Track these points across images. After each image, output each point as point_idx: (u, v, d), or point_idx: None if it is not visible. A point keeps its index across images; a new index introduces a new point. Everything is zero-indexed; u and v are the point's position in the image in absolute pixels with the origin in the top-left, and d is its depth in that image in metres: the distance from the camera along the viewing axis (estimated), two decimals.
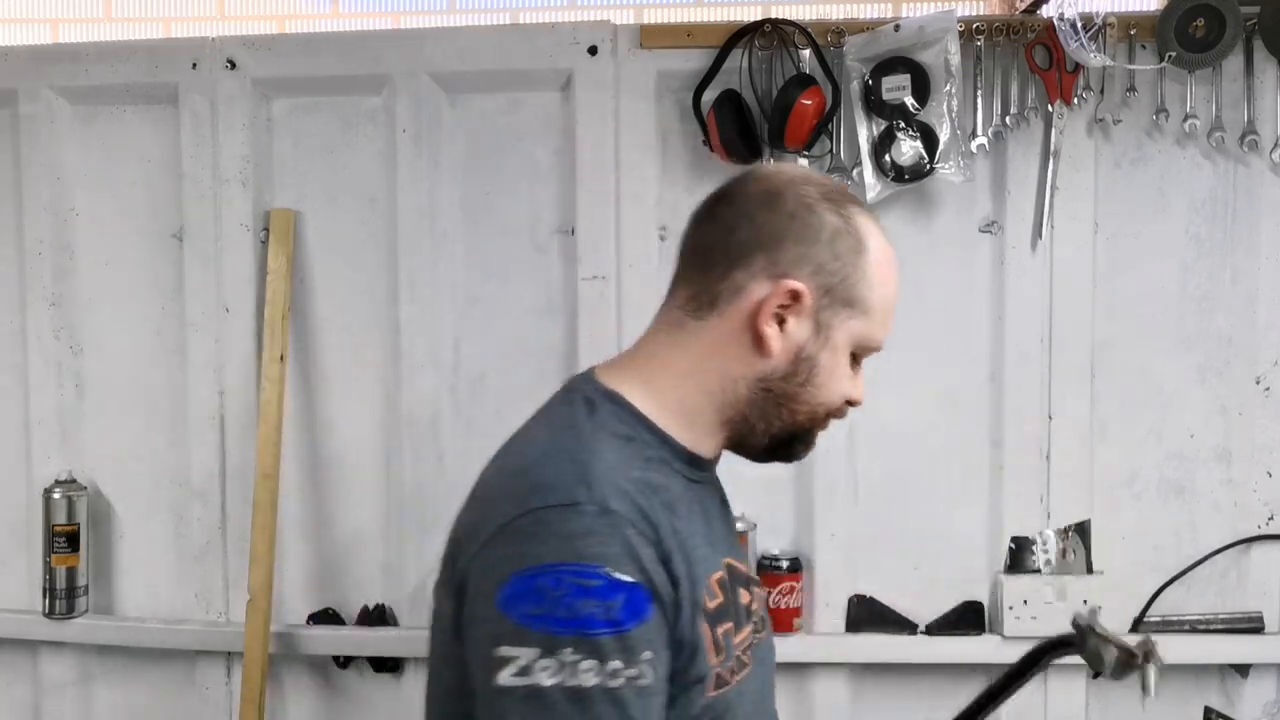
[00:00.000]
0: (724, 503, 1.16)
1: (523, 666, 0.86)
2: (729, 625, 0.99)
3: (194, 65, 1.95)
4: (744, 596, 1.05)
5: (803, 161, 1.83)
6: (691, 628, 0.94)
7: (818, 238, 1.01)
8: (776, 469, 1.92)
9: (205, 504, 2.00)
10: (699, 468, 1.06)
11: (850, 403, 1.08)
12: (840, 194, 1.05)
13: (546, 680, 0.85)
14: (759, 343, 1.01)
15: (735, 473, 1.99)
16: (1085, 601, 1.79)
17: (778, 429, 1.05)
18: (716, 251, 1.04)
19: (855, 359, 1.06)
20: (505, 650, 0.86)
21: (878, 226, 1.05)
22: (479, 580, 0.93)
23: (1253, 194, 1.85)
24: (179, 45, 1.99)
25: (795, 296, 1.00)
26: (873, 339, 1.05)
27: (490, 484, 1.04)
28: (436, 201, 1.95)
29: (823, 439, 1.92)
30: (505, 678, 0.86)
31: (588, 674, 0.85)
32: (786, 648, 1.46)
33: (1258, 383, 1.87)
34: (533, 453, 1.02)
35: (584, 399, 1.05)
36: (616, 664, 0.86)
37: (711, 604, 0.97)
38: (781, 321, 1.01)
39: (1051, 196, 1.84)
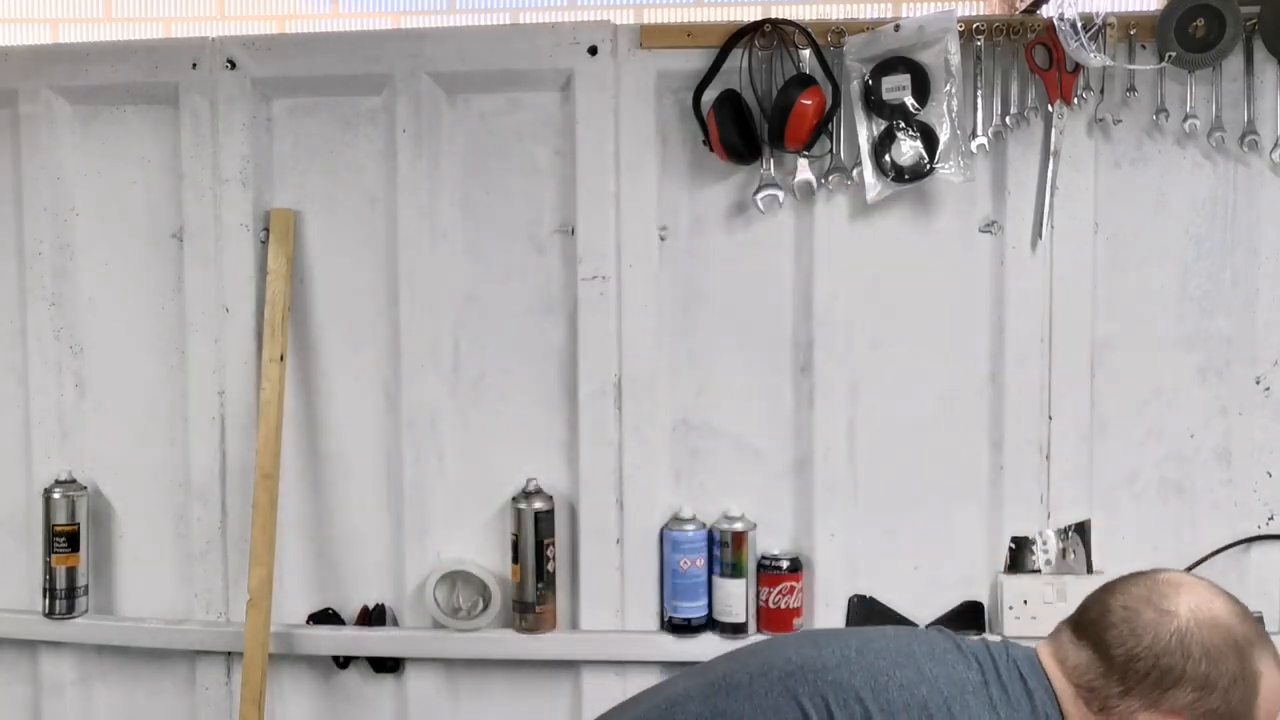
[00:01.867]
0: None
1: None
2: None
3: (194, 65, 1.95)
4: None
5: (802, 162, 1.83)
6: None
7: (1214, 688, 1.11)
8: (776, 467, 1.94)
9: (205, 504, 2.00)
10: None
11: None
12: (1245, 637, 1.14)
13: None
14: None
15: (734, 471, 2.00)
16: None
17: None
18: (1117, 667, 1.14)
19: None
20: None
21: (1273, 657, 1.14)
22: None
23: (1253, 194, 1.85)
24: (179, 45, 1.98)
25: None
26: None
27: None
28: (436, 201, 1.95)
29: (823, 439, 1.94)
30: None
31: None
32: None
33: (1258, 383, 1.87)
34: None
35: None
36: None
37: None
38: None
39: (1051, 196, 1.84)
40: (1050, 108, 1.82)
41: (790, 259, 1.91)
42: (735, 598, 1.89)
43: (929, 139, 1.80)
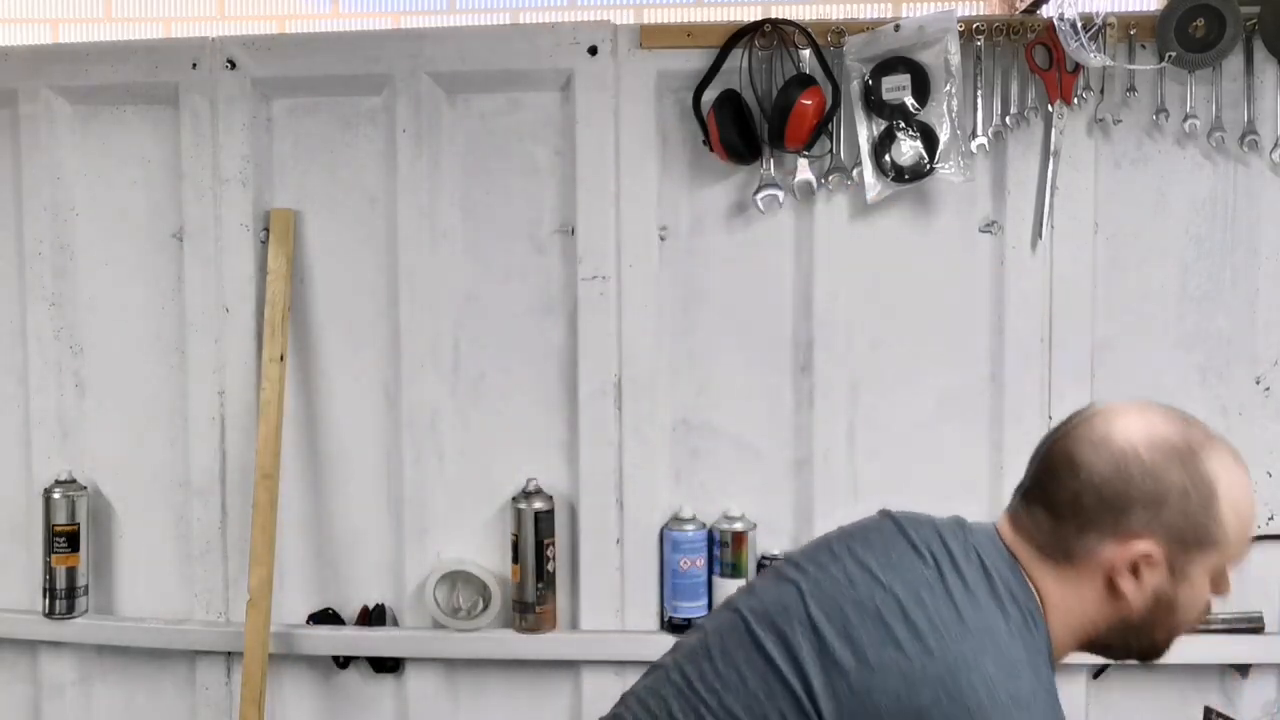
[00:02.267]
0: None
1: None
2: None
3: (194, 65, 1.95)
4: None
5: (802, 162, 1.84)
6: None
7: (1164, 501, 1.09)
8: (776, 467, 1.94)
9: (205, 504, 2.00)
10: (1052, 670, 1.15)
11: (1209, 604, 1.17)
12: (1187, 446, 1.12)
13: None
14: (1116, 594, 1.11)
15: (734, 471, 2.00)
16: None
17: (1136, 647, 1.17)
18: (1065, 510, 1.13)
19: (1220, 575, 1.14)
20: None
21: (1227, 457, 1.14)
22: None
23: (1253, 194, 1.85)
24: (179, 45, 1.99)
25: (1146, 555, 1.09)
26: (1233, 560, 1.14)
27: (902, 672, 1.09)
28: (436, 201, 1.95)
29: (823, 439, 1.93)
30: None
31: None
32: None
33: (1258, 383, 1.87)
34: (971, 657, 1.09)
35: (1011, 600, 1.13)
36: None
37: None
38: (1136, 573, 1.10)
39: (1051, 196, 1.84)
40: (1050, 108, 1.82)
41: (790, 259, 1.91)
42: None
43: (929, 139, 1.80)
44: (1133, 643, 1.17)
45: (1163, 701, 1.92)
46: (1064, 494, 1.14)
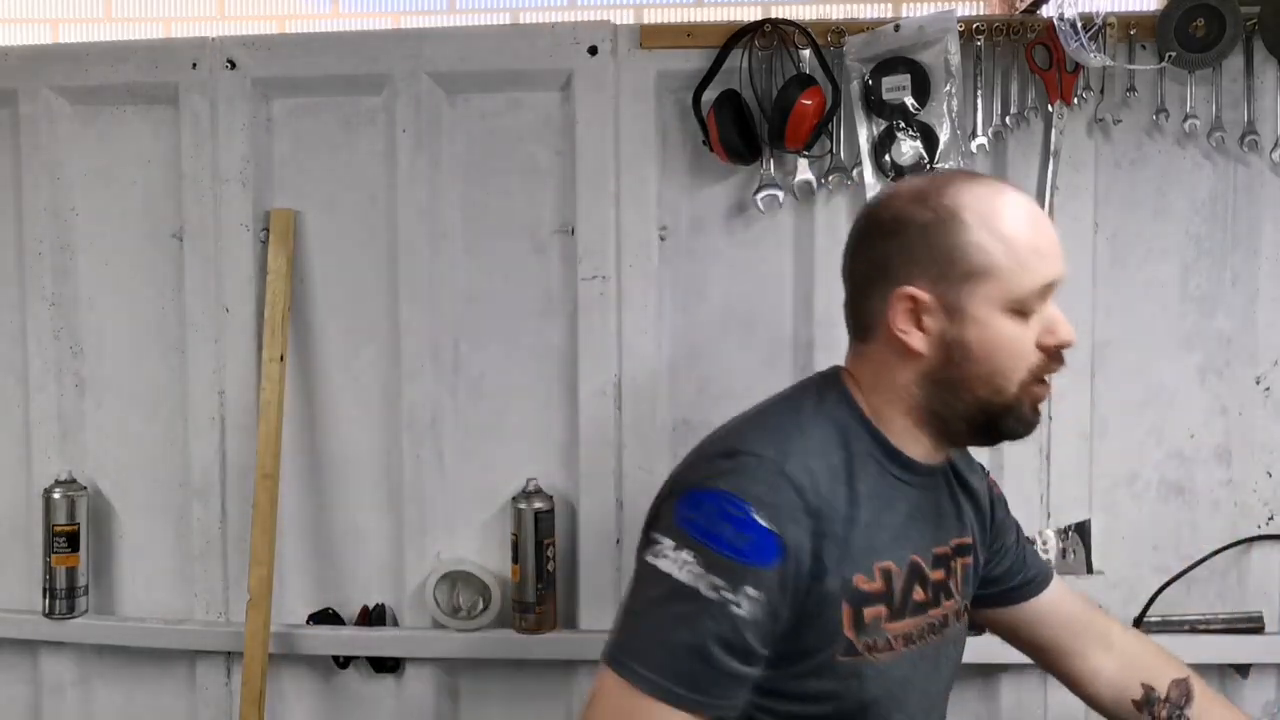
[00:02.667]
0: (949, 506, 1.26)
1: (658, 551, 1.09)
2: (880, 609, 1.13)
3: (194, 65, 1.95)
4: (918, 594, 1.17)
5: (802, 162, 1.84)
6: (822, 598, 1.09)
7: (912, 241, 1.12)
8: None
9: (205, 504, 2.00)
10: (908, 468, 1.18)
11: (1050, 349, 1.13)
12: (931, 185, 1.14)
13: (666, 566, 1.07)
14: (907, 349, 1.13)
15: None
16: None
17: (965, 411, 1.14)
18: (850, 286, 1.20)
19: (1022, 312, 1.12)
20: (656, 536, 1.11)
21: (977, 187, 1.13)
22: (673, 485, 1.16)
23: (1253, 194, 1.85)
24: (179, 45, 1.98)
25: (913, 299, 1.12)
26: (1019, 288, 1.11)
27: (716, 429, 1.23)
28: (436, 201, 1.95)
29: None
30: (646, 555, 1.11)
31: (696, 577, 1.06)
32: None
33: (1258, 383, 1.87)
34: (758, 416, 1.22)
35: (818, 388, 1.22)
36: (719, 581, 1.05)
37: (866, 586, 1.12)
38: (918, 322, 1.12)
39: (1051, 196, 1.84)
40: (1050, 108, 1.82)
41: (790, 259, 1.91)
42: None
43: (929, 139, 1.80)
44: (957, 405, 1.14)
45: None
46: (847, 278, 1.21)
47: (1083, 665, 1.40)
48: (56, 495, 1.97)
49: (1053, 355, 1.14)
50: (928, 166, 1.80)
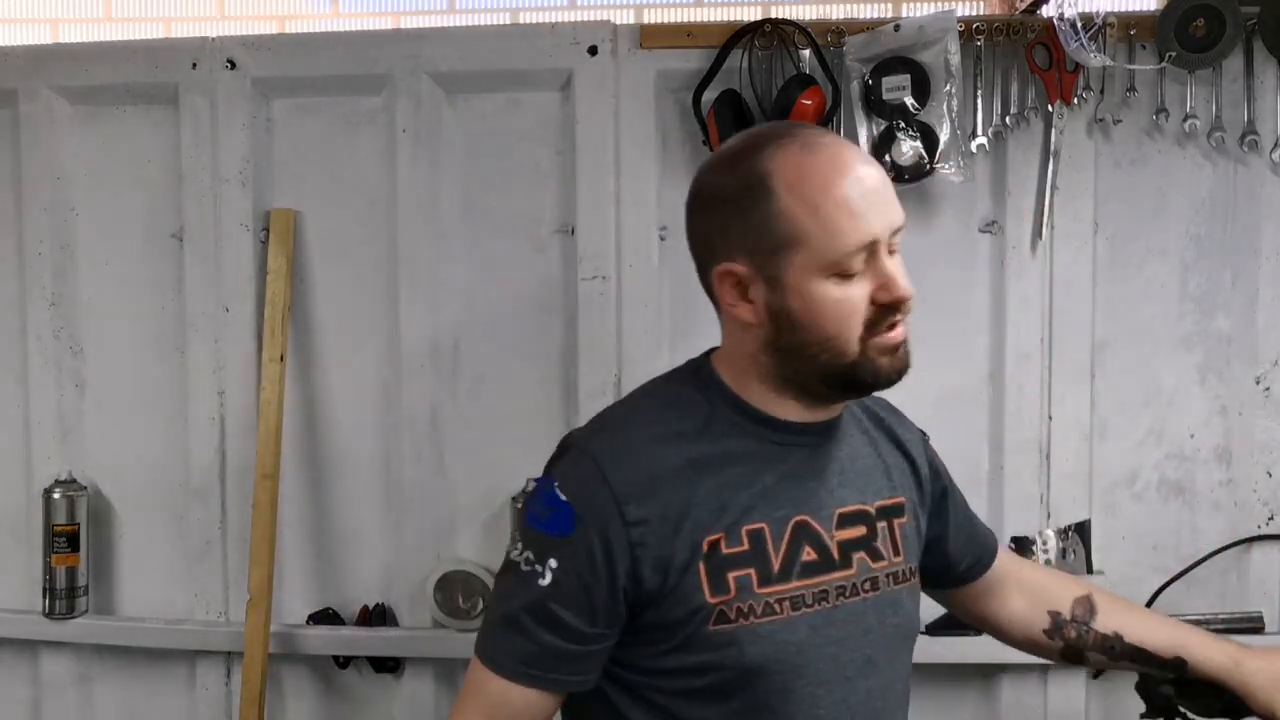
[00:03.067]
0: (873, 465, 1.23)
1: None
2: (747, 572, 1.10)
3: (194, 65, 1.95)
4: (808, 554, 1.13)
5: None
6: (664, 565, 1.09)
7: (725, 217, 1.10)
8: None
9: (205, 504, 2.00)
10: (781, 429, 1.15)
11: (885, 304, 1.08)
12: (740, 150, 1.11)
13: (509, 552, 1.15)
14: (742, 322, 1.12)
15: None
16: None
17: (816, 373, 1.12)
18: (694, 262, 1.18)
19: (843, 274, 1.06)
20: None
21: (786, 148, 1.07)
22: None
23: (1253, 194, 1.85)
24: (179, 45, 1.99)
25: (734, 274, 1.10)
26: (833, 252, 1.05)
27: None
28: (436, 201, 1.95)
29: None
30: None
31: (517, 552, 1.13)
32: None
33: (1258, 383, 1.87)
34: (609, 406, 1.29)
35: (686, 366, 1.23)
36: (529, 554, 1.12)
37: (727, 550, 1.10)
38: (744, 295, 1.11)
39: (1051, 196, 1.84)
40: (1050, 108, 1.82)
41: None
42: None
43: (929, 139, 1.80)
44: (802, 368, 1.12)
45: None
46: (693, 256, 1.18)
47: (999, 611, 1.39)
48: (56, 495, 1.97)
49: (887, 308, 1.08)
50: (928, 167, 1.80)
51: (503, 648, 1.13)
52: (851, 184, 1.06)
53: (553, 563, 1.11)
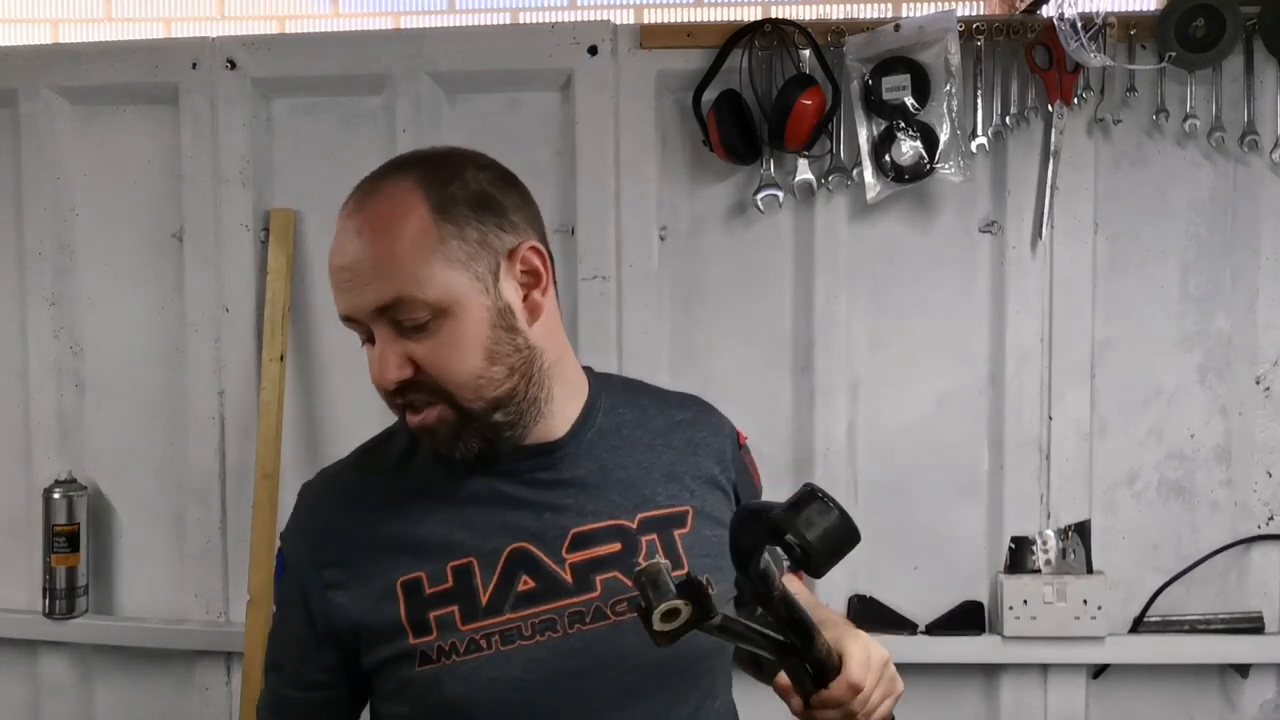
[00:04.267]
0: (572, 484, 1.10)
1: None
2: (451, 609, 1.04)
3: (194, 65, 1.95)
4: (524, 583, 1.05)
5: (802, 162, 1.84)
6: (357, 603, 1.06)
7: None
8: (776, 467, 1.94)
9: (205, 504, 2.00)
10: (491, 460, 1.07)
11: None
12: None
13: None
14: None
15: None
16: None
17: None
18: None
19: (365, 339, 1.09)
20: None
21: (348, 201, 1.13)
22: None
23: (1253, 194, 1.85)
24: (179, 45, 1.98)
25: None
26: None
27: None
28: None
29: (823, 439, 1.93)
30: None
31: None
32: None
33: (1258, 383, 1.87)
34: None
35: None
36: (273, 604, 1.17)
37: (430, 590, 1.05)
38: None
39: (1051, 196, 1.84)
40: (1050, 108, 1.82)
41: (790, 259, 1.91)
42: None
43: (929, 139, 1.80)
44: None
45: (1163, 701, 1.92)
46: None
47: None
48: (56, 495, 1.97)
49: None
50: (928, 167, 1.80)
51: (262, 691, 1.19)
52: (332, 258, 1.10)
53: (275, 605, 1.17)
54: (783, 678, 1.01)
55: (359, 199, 1.10)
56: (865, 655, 1.01)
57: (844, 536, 0.87)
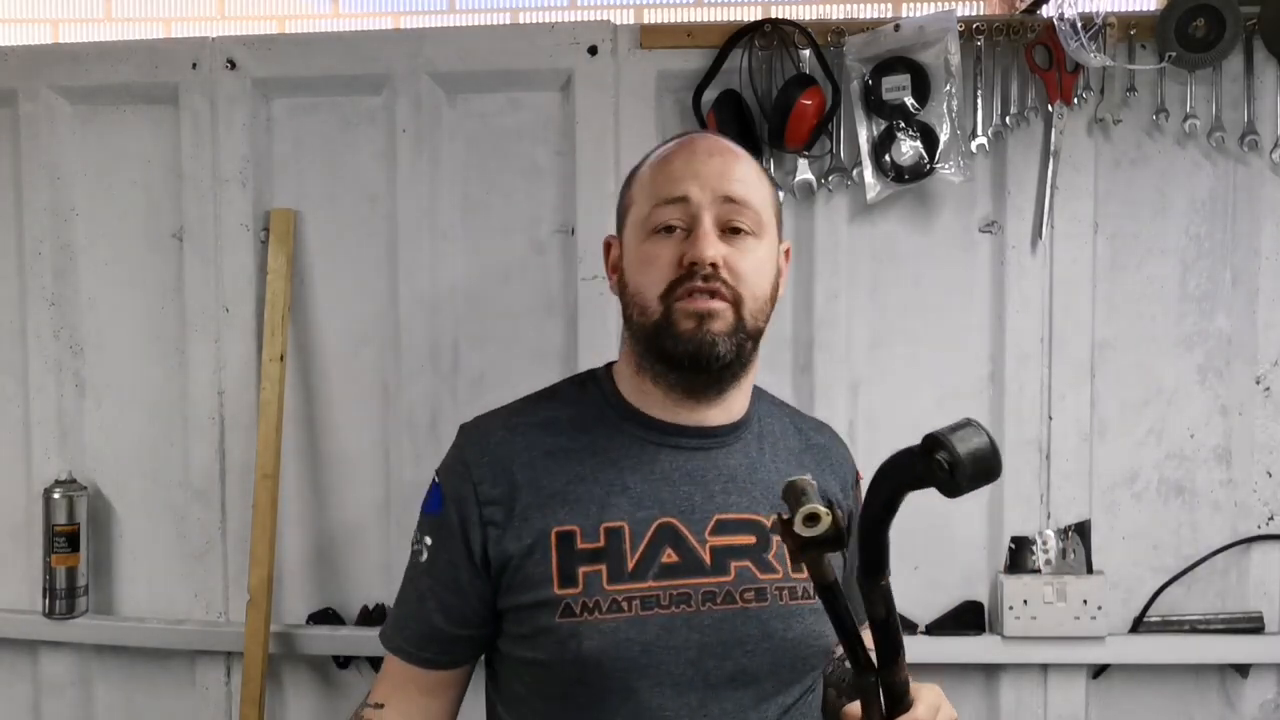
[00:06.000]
0: (723, 472, 1.20)
1: None
2: (599, 567, 1.12)
3: (194, 65, 1.95)
4: (668, 556, 1.14)
5: (802, 162, 1.84)
6: (512, 544, 1.14)
7: (619, 201, 1.28)
8: None
9: (205, 504, 2.00)
10: (653, 429, 1.19)
11: (691, 264, 1.13)
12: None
13: None
14: (613, 293, 1.25)
15: None
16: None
17: (641, 339, 1.18)
18: None
19: (658, 230, 1.17)
20: None
21: (662, 145, 1.26)
22: None
23: (1253, 194, 1.85)
24: (179, 45, 1.98)
25: (607, 244, 1.29)
26: (647, 207, 1.18)
27: None
28: (436, 201, 1.95)
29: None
30: None
31: (415, 537, 1.25)
32: None
33: (1258, 383, 1.88)
34: None
35: (586, 371, 1.32)
36: (417, 534, 1.24)
37: (582, 545, 1.13)
38: (612, 264, 1.27)
39: (1051, 196, 1.84)
40: (1050, 108, 1.82)
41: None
42: None
43: (929, 139, 1.80)
44: (634, 336, 1.19)
45: (1163, 701, 1.92)
46: None
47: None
48: (56, 495, 1.97)
49: (687, 271, 1.13)
50: (928, 167, 1.80)
51: (391, 625, 1.24)
52: (679, 152, 1.20)
53: (428, 540, 1.21)
54: (853, 708, 1.06)
55: (702, 132, 1.35)
56: (937, 702, 1.09)
57: (991, 461, 0.93)
